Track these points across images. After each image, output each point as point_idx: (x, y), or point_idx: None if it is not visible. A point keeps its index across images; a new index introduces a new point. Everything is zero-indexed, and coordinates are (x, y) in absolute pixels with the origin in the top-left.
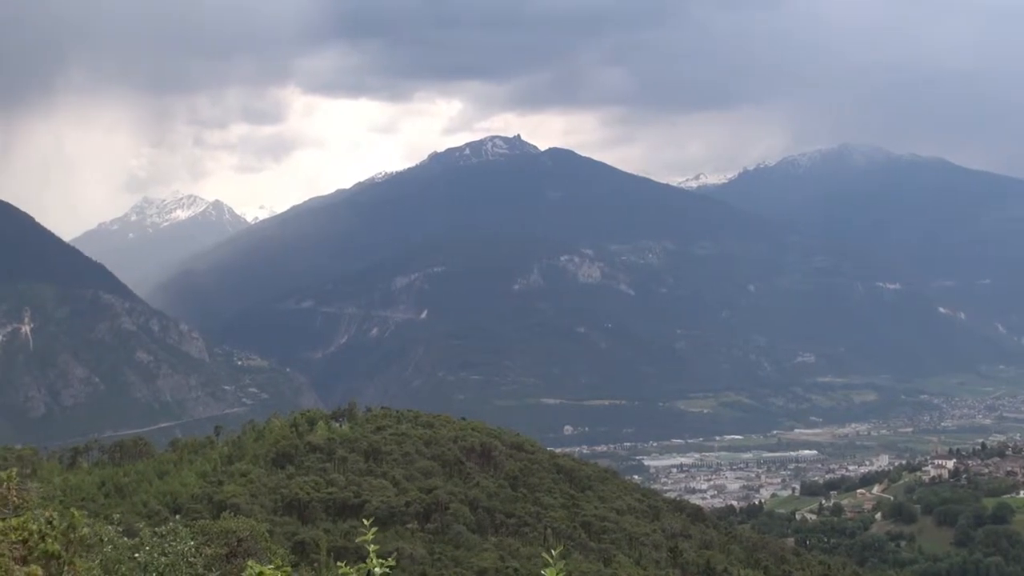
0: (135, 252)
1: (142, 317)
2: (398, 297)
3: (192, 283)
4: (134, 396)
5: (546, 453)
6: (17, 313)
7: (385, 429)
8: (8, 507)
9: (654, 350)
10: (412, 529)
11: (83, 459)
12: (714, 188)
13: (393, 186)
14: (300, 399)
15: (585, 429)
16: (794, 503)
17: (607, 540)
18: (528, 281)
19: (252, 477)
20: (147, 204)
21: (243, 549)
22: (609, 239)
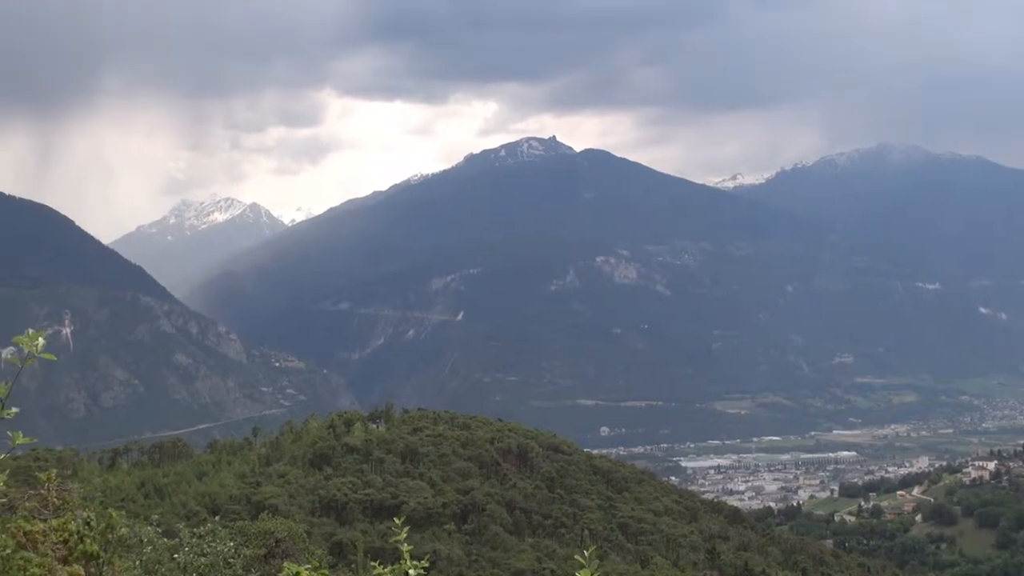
0: (173, 255)
1: (180, 319)
2: (434, 298)
3: (230, 285)
4: (173, 398)
5: (583, 454)
6: (58, 315)
7: (422, 430)
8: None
9: (691, 351)
10: (449, 530)
11: (123, 460)
12: (751, 188)
13: (429, 188)
14: (337, 400)
15: (622, 430)
16: (833, 505)
17: (644, 542)
18: (564, 282)
19: (290, 478)
20: (185, 207)
21: (281, 550)
22: (645, 240)
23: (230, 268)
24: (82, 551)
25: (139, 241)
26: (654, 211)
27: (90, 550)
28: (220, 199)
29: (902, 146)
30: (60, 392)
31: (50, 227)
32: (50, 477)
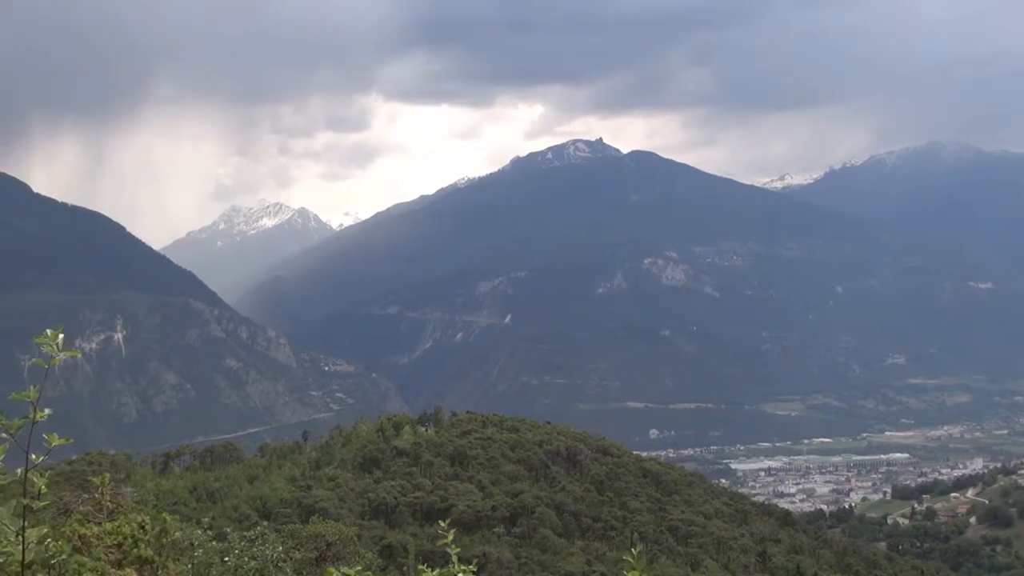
0: (223, 260)
1: (231, 324)
2: (482, 302)
3: (279, 290)
4: (224, 402)
5: (632, 457)
6: (110, 321)
7: (471, 433)
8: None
9: (740, 353)
10: (498, 533)
11: (175, 464)
12: (799, 188)
13: (476, 191)
14: (386, 404)
15: (671, 433)
16: (885, 507)
17: (694, 544)
18: (612, 284)
19: (340, 481)
20: (234, 212)
21: (332, 553)
22: (693, 241)
23: (279, 273)
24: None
25: (189, 247)
26: (702, 212)
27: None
28: (269, 204)
29: (953, 144)
30: (113, 397)
31: (102, 234)
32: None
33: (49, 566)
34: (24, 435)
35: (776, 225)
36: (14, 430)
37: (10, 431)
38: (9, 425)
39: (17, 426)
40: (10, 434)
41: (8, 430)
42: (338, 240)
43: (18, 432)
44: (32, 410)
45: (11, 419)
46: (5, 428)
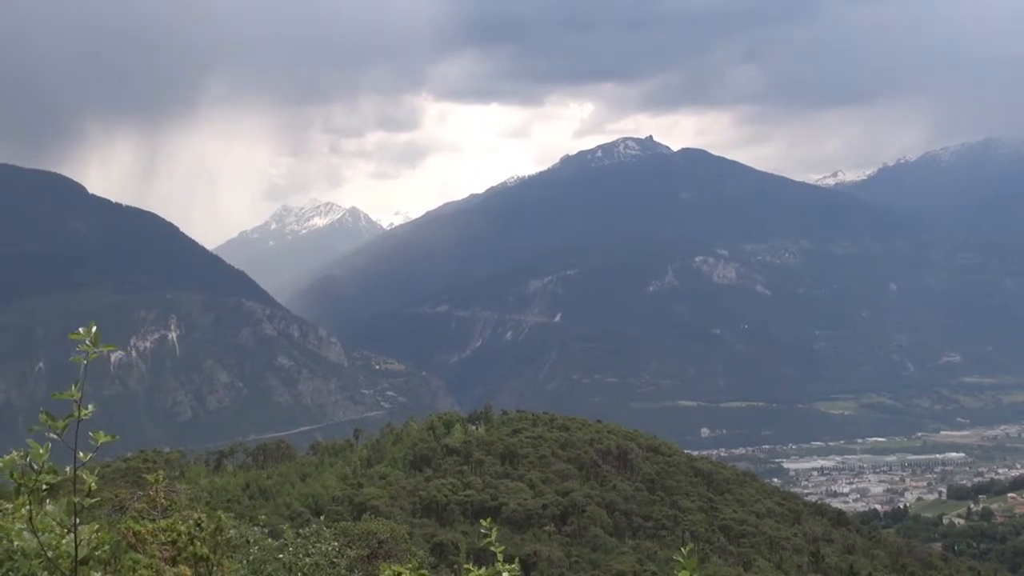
0: (275, 259)
1: (283, 323)
2: (532, 300)
3: (330, 289)
4: (276, 400)
5: (683, 456)
6: (164, 320)
7: (521, 432)
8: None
9: (792, 351)
10: (549, 531)
11: (228, 462)
12: (852, 185)
13: (525, 190)
14: (437, 402)
15: (722, 432)
16: (941, 507)
17: (747, 544)
18: (662, 282)
19: (391, 479)
20: (286, 212)
21: (384, 550)
22: (744, 239)
23: (330, 272)
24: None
25: (242, 246)
26: (753, 210)
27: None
28: (320, 204)
29: (1010, 139)
30: (167, 395)
31: (156, 234)
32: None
33: (104, 562)
34: (71, 434)
35: (828, 222)
36: (60, 430)
37: (57, 431)
38: (54, 426)
39: (62, 426)
40: (57, 434)
41: (55, 430)
42: (389, 239)
43: (64, 431)
44: (76, 409)
45: (58, 418)
46: (52, 428)
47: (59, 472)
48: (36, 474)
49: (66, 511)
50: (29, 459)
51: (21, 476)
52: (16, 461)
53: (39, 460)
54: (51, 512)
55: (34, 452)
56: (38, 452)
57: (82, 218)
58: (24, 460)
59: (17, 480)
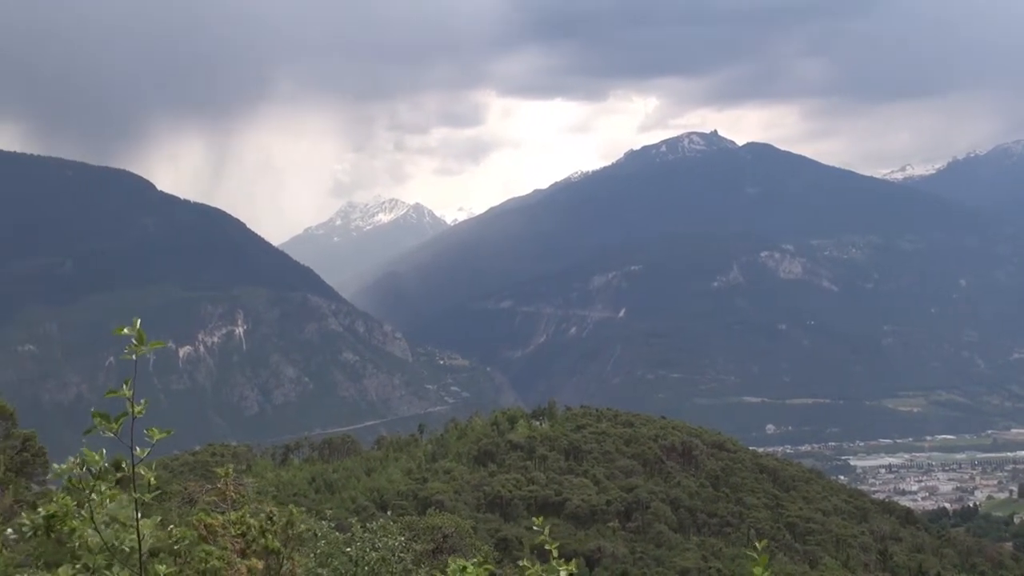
0: (340, 255)
1: (348, 318)
2: (596, 296)
3: (395, 284)
4: (341, 395)
5: (748, 452)
6: (231, 316)
7: (585, 427)
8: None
9: (860, 347)
10: (613, 527)
11: (294, 456)
12: (921, 179)
13: (589, 185)
14: (500, 398)
15: (788, 428)
16: (1012, 506)
17: (813, 542)
18: (727, 278)
19: (455, 474)
20: (351, 208)
21: (448, 545)
22: (811, 234)
23: (394, 268)
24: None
25: (307, 242)
26: (820, 204)
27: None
28: (384, 200)
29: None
30: (234, 390)
31: (223, 230)
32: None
33: (175, 553)
34: (126, 432)
35: (897, 217)
36: (115, 430)
37: (112, 431)
38: (109, 427)
39: (116, 426)
40: (113, 433)
41: (110, 430)
42: (453, 235)
43: (120, 429)
44: (129, 406)
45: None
46: (106, 428)
47: (121, 468)
48: (94, 479)
49: (129, 506)
50: (85, 466)
51: (79, 482)
52: (72, 468)
53: (96, 465)
54: (113, 508)
55: (89, 458)
56: (93, 458)
57: (151, 215)
58: (80, 468)
59: (74, 486)
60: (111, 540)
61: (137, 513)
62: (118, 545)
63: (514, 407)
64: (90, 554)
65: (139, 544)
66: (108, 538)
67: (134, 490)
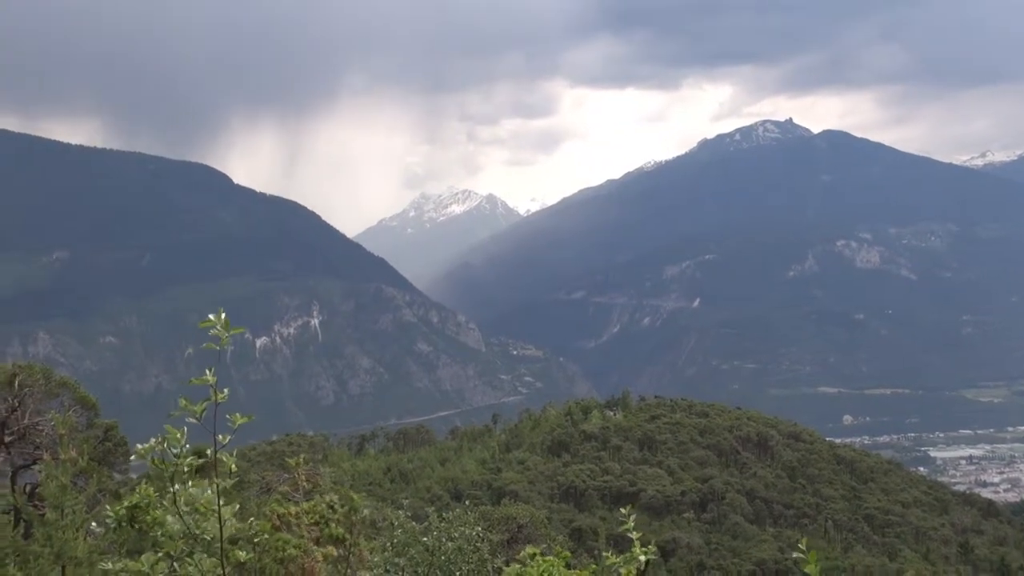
0: (414, 246)
1: (422, 309)
2: (669, 286)
3: (468, 275)
4: (415, 385)
5: (825, 443)
6: (307, 307)
7: (659, 418)
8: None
9: (939, 337)
10: (688, 518)
11: (369, 445)
12: (1002, 166)
13: (662, 175)
14: (574, 388)
15: (866, 419)
16: None
17: (892, 534)
18: (803, 267)
19: (529, 464)
20: (424, 200)
21: (523, 535)
22: (888, 222)
23: (468, 259)
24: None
25: (381, 234)
26: (897, 192)
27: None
28: (457, 191)
29: None
30: (311, 380)
31: (298, 223)
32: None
33: (252, 543)
34: (210, 417)
35: (976, 204)
36: (198, 414)
37: (195, 415)
38: (193, 411)
39: (200, 410)
40: (196, 417)
41: (193, 414)
42: (525, 225)
43: (203, 414)
44: (212, 393)
45: (198, 403)
46: (190, 413)
47: (202, 455)
48: (175, 459)
49: (209, 492)
50: (167, 444)
51: (161, 462)
52: (155, 448)
53: (177, 444)
54: (194, 494)
55: (171, 436)
56: (175, 436)
57: (227, 208)
58: (162, 446)
59: (156, 465)
60: (192, 527)
61: (218, 499)
62: (200, 533)
63: (588, 397)
64: (171, 541)
65: (220, 531)
66: (189, 525)
67: (215, 475)
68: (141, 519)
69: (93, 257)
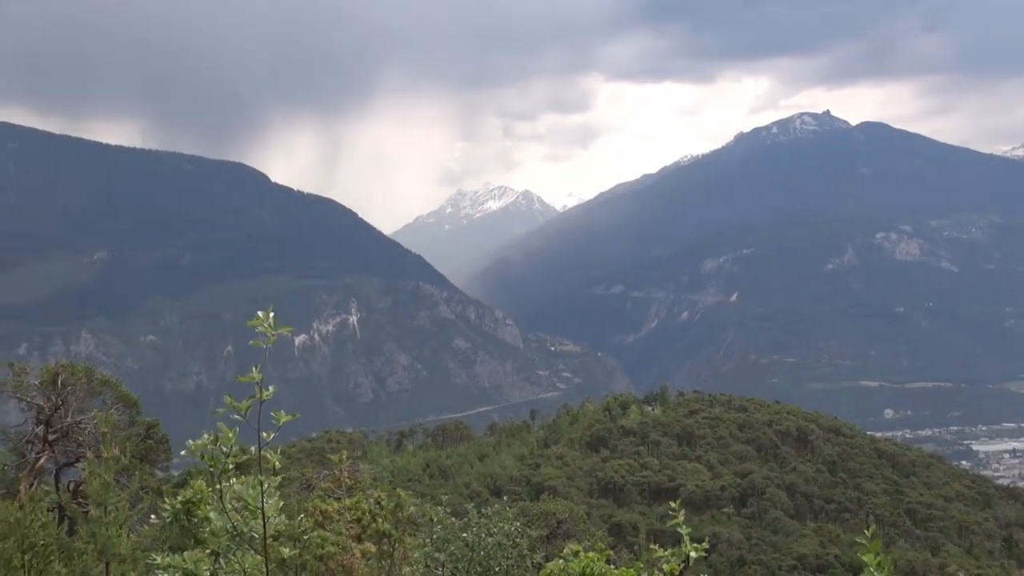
0: (451, 243)
1: (459, 305)
2: (707, 280)
3: (505, 271)
4: (453, 382)
5: (866, 438)
6: (345, 304)
7: (698, 413)
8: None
9: (981, 329)
10: (728, 513)
11: (408, 442)
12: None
13: (699, 168)
14: (612, 383)
15: (907, 413)
16: None
17: (934, 528)
18: (842, 260)
19: (568, 460)
20: (460, 196)
21: (563, 531)
22: (928, 214)
23: (505, 255)
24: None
25: (418, 231)
26: (937, 184)
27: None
28: (494, 187)
29: None
30: (349, 377)
31: (336, 220)
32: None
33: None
34: (254, 414)
35: (1018, 195)
36: (243, 411)
37: (240, 412)
38: (238, 408)
39: (245, 407)
40: (241, 414)
41: (238, 411)
42: (562, 221)
43: (248, 412)
44: (258, 390)
45: (242, 400)
46: (235, 410)
47: (246, 452)
48: (225, 456)
49: (252, 489)
50: (218, 442)
51: (211, 458)
52: (207, 445)
53: (228, 443)
54: (238, 491)
55: (223, 435)
56: (227, 435)
57: (265, 206)
58: (215, 444)
59: (208, 462)
60: (237, 523)
61: (262, 496)
62: (245, 531)
63: (626, 393)
64: (215, 537)
65: (263, 527)
66: (234, 521)
67: (260, 472)
68: (196, 514)
69: (134, 256)
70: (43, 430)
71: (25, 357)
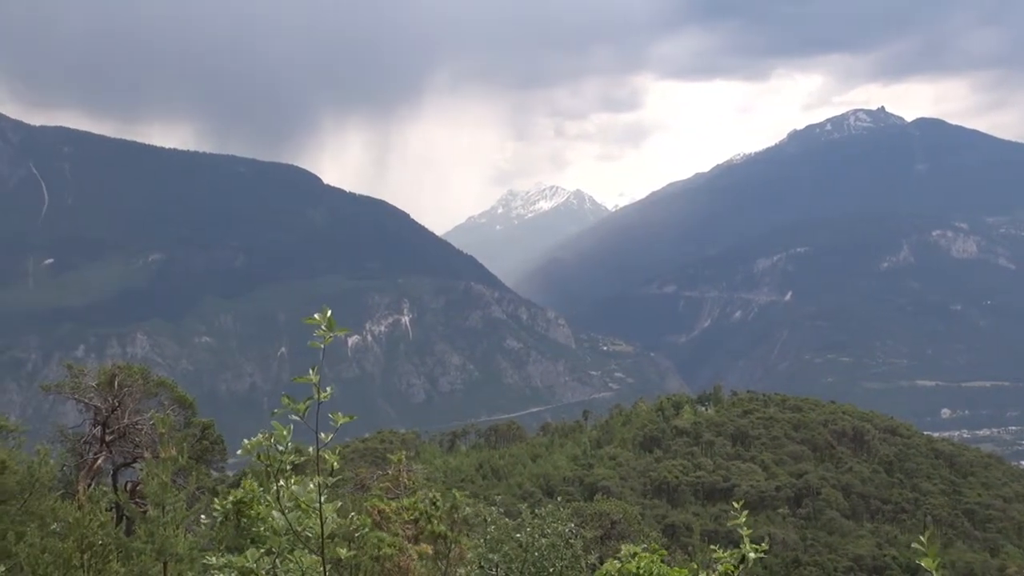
0: (502, 243)
1: (511, 306)
2: (761, 279)
3: (556, 271)
4: (506, 382)
5: (922, 437)
6: (397, 305)
7: (752, 413)
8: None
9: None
10: (783, 514)
11: (461, 442)
12: None
13: (752, 167)
14: (665, 383)
15: (964, 412)
16: None
17: (993, 529)
18: (897, 258)
19: (621, 460)
20: (512, 196)
21: (617, 531)
22: (985, 211)
23: (556, 255)
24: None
25: (469, 231)
26: (994, 180)
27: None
28: (545, 187)
29: None
30: (401, 378)
31: (388, 221)
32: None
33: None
34: (312, 415)
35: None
36: (301, 412)
37: (298, 413)
38: (296, 408)
39: (303, 408)
40: (299, 415)
41: (296, 412)
42: (613, 220)
43: (306, 413)
44: (315, 391)
45: (299, 401)
46: (293, 411)
47: (303, 452)
48: (281, 455)
49: (311, 489)
50: (274, 440)
51: (267, 457)
52: (263, 443)
53: (283, 441)
54: (296, 491)
55: (278, 433)
56: (282, 433)
57: (318, 208)
58: (270, 442)
59: (264, 460)
60: (295, 523)
61: (320, 497)
62: (301, 530)
63: (679, 393)
64: (275, 536)
65: (321, 528)
66: (292, 521)
67: (318, 473)
68: (247, 514)
69: (188, 258)
70: (100, 431)
71: (82, 359)
